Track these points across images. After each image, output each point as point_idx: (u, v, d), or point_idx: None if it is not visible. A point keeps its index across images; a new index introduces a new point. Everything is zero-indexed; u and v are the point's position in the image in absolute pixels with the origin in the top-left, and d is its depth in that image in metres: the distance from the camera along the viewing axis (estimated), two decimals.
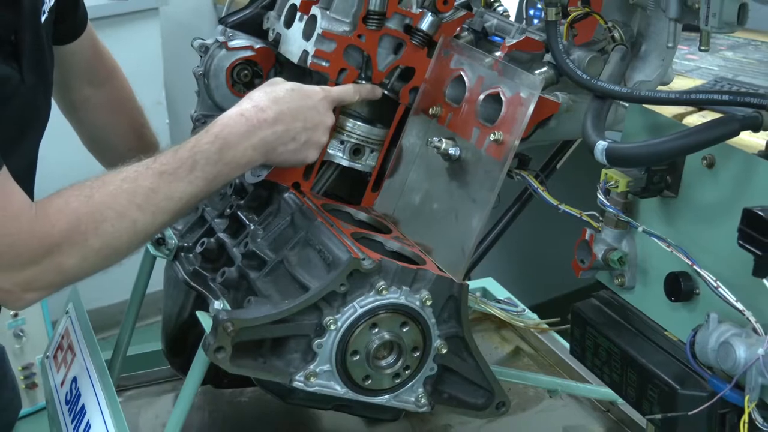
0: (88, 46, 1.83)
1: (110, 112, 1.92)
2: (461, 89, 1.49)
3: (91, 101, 1.90)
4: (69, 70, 1.77)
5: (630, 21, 1.40)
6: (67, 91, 1.83)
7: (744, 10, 1.14)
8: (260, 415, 1.83)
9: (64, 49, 1.74)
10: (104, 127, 1.92)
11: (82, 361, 1.71)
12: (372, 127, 1.59)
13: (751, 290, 1.05)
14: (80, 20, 1.78)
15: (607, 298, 1.33)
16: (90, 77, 1.87)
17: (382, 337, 1.36)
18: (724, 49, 2.90)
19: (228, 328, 1.29)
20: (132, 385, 1.92)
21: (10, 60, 1.43)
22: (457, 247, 1.41)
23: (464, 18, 1.58)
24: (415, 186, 1.53)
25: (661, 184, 1.22)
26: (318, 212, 1.48)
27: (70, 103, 1.88)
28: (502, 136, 1.38)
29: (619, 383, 1.25)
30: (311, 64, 1.52)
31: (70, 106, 1.88)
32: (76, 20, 1.76)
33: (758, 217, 1.01)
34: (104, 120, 1.92)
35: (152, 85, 3.82)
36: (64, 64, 1.73)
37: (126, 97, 1.96)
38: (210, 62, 1.70)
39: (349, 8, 1.53)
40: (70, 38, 1.76)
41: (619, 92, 1.28)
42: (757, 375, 1.03)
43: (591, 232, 1.30)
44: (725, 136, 1.13)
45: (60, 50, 1.73)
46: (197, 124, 1.72)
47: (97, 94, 1.90)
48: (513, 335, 2.11)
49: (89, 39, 1.82)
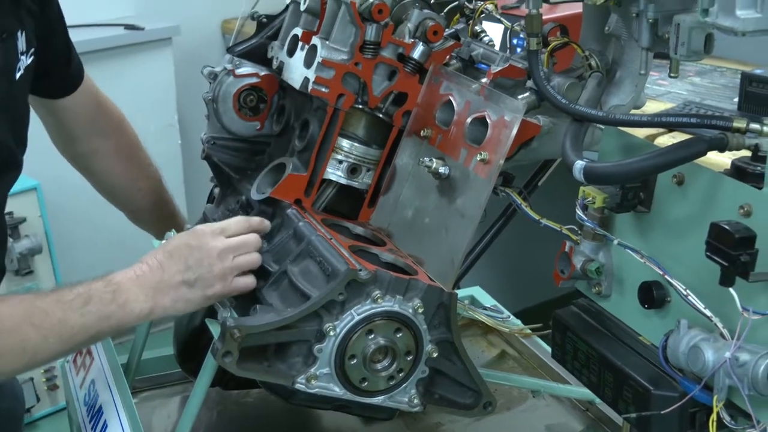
0: (89, 100, 1.81)
1: (119, 160, 1.91)
2: (450, 113, 1.49)
3: (101, 152, 1.88)
4: (72, 123, 1.76)
5: (605, 50, 1.40)
6: (73, 143, 1.81)
7: (710, 39, 1.14)
8: (265, 414, 1.82)
9: (60, 103, 1.73)
10: (115, 174, 1.92)
11: (100, 364, 1.71)
12: (368, 148, 1.59)
13: (718, 298, 1.05)
14: (73, 75, 1.76)
15: (586, 305, 1.32)
16: (97, 129, 1.86)
17: (378, 342, 1.35)
18: (692, 75, 2.91)
19: (235, 334, 1.29)
20: (146, 387, 1.92)
21: None
22: (447, 258, 1.41)
23: (453, 47, 1.58)
24: (408, 202, 1.53)
25: (634, 200, 1.22)
26: (318, 226, 1.48)
27: (79, 154, 1.86)
28: (488, 156, 1.38)
29: (596, 384, 1.25)
30: (312, 90, 1.52)
31: (78, 157, 1.86)
32: (67, 76, 1.74)
33: (724, 231, 1.02)
34: (114, 168, 1.91)
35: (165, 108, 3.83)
36: (64, 117, 1.71)
37: (133, 144, 1.94)
38: (219, 88, 1.70)
39: (346, 38, 1.53)
40: (64, 92, 1.74)
41: (596, 115, 1.28)
42: (725, 377, 1.03)
43: (570, 244, 1.30)
44: (693, 155, 1.13)
45: (55, 104, 1.72)
46: (207, 145, 1.72)
47: (106, 144, 1.88)
48: (499, 340, 2.10)
49: (89, 93, 1.80)
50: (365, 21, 1.51)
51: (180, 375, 1.90)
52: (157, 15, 3.88)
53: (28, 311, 1.32)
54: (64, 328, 1.32)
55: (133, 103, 2.04)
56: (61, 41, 1.68)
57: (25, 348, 1.31)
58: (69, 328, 1.33)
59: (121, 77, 3.55)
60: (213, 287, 1.42)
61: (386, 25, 1.52)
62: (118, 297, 1.37)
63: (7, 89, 1.44)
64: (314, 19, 1.60)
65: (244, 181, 1.70)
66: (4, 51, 1.45)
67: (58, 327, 1.32)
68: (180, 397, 1.88)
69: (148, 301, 1.39)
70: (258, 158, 1.74)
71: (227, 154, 1.73)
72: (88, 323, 1.34)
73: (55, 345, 1.33)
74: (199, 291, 1.42)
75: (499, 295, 2.22)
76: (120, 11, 3.85)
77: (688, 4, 1.19)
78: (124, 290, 1.38)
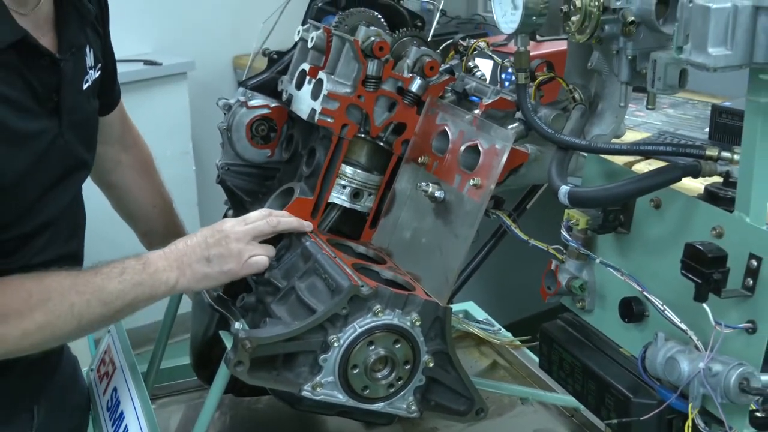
0: (120, 116, 1.83)
1: (138, 173, 1.92)
2: (445, 141, 1.49)
3: (122, 164, 1.89)
4: (104, 139, 1.77)
5: (588, 84, 1.40)
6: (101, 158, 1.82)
7: (684, 74, 1.14)
8: (274, 419, 1.82)
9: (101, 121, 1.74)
10: (133, 188, 1.92)
11: (122, 373, 1.70)
12: (370, 174, 1.59)
13: (692, 313, 1.05)
14: (116, 95, 1.79)
15: (571, 319, 1.32)
16: (122, 143, 1.87)
17: (378, 352, 1.35)
18: (666, 107, 2.92)
19: (246, 345, 1.29)
20: (164, 394, 1.91)
21: (53, 115, 1.44)
22: (442, 275, 1.41)
23: (448, 81, 1.59)
24: (406, 224, 1.53)
25: (615, 222, 1.22)
26: (324, 246, 1.48)
27: (105, 169, 1.86)
28: (480, 181, 1.38)
29: (581, 392, 1.24)
30: (318, 121, 1.53)
31: (104, 171, 1.86)
32: (112, 96, 1.76)
33: (698, 251, 1.02)
34: (133, 182, 1.92)
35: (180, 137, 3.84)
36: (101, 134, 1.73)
37: (149, 161, 1.96)
38: (232, 118, 1.70)
39: (350, 73, 1.54)
40: (106, 111, 1.77)
41: (579, 144, 1.29)
42: (699, 386, 1.03)
43: (556, 263, 1.30)
44: (669, 181, 1.13)
45: None
46: (222, 171, 1.72)
47: (127, 157, 1.89)
48: (490, 351, 2.10)
49: (121, 109, 1.83)
50: (367, 57, 1.52)
51: (195, 383, 1.89)
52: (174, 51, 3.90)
53: (72, 281, 1.39)
54: (104, 293, 1.39)
55: (150, 131, 2.04)
56: (111, 63, 1.73)
57: (73, 312, 1.37)
58: (108, 293, 1.40)
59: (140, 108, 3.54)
60: (228, 264, 1.46)
61: (387, 61, 1.53)
62: (148, 267, 1.43)
63: (75, 98, 1.49)
64: (320, 56, 1.61)
65: (255, 204, 1.70)
66: (74, 64, 1.49)
67: (99, 292, 1.39)
68: (195, 403, 1.88)
69: (174, 271, 1.44)
70: (269, 183, 1.75)
71: (240, 179, 1.74)
72: (125, 289, 1.41)
73: (98, 308, 1.40)
74: (216, 267, 1.46)
75: (491, 310, 2.22)
76: (140, 48, 3.87)
77: (663, 42, 1.20)
78: (153, 262, 1.44)
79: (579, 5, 1.21)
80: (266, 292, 1.47)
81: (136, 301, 1.43)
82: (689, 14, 0.96)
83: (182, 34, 4.02)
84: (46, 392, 1.65)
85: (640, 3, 1.19)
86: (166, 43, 3.94)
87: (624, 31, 1.21)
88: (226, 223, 1.51)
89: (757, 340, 1.01)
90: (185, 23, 4.04)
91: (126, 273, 1.42)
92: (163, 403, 1.89)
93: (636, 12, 1.19)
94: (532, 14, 1.30)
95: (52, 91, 1.44)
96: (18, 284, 1.38)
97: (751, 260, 1.01)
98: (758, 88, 0.98)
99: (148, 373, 1.83)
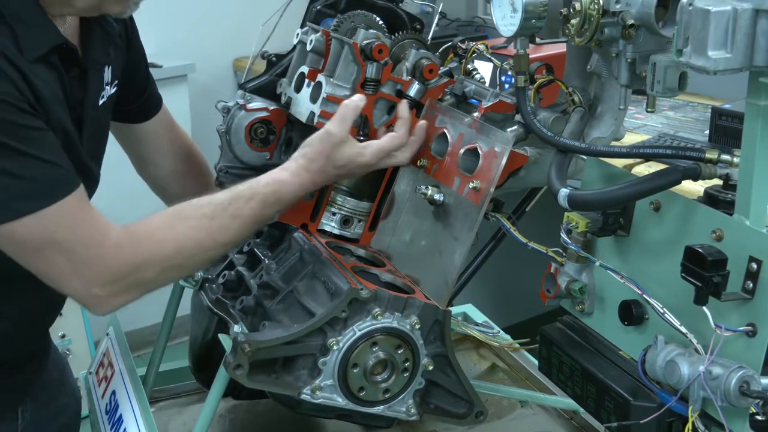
0: (164, 127, 1.83)
1: (192, 182, 1.89)
2: (445, 144, 1.49)
3: (175, 173, 1.88)
4: (149, 147, 1.79)
5: (588, 87, 1.40)
6: (149, 165, 1.82)
7: (684, 77, 1.14)
8: (273, 423, 1.81)
9: (140, 128, 1.77)
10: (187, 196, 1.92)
11: (120, 376, 1.70)
12: (359, 201, 1.59)
13: (692, 316, 1.05)
14: (150, 104, 1.79)
15: (570, 322, 1.32)
16: (172, 154, 1.86)
17: (378, 356, 1.35)
18: (666, 109, 2.92)
19: (245, 348, 1.29)
20: (163, 396, 1.91)
21: (76, 124, 1.45)
22: (441, 278, 1.41)
23: (447, 84, 1.59)
24: (406, 227, 1.53)
25: (615, 225, 1.22)
26: (323, 249, 1.48)
27: (155, 176, 1.86)
28: (479, 184, 1.38)
29: (580, 395, 1.24)
30: (317, 123, 1.52)
31: (155, 179, 1.86)
32: (145, 104, 1.77)
33: (698, 254, 1.02)
34: (187, 190, 1.90)
35: None
36: (142, 141, 1.75)
37: (204, 169, 1.93)
38: (231, 121, 1.70)
39: (349, 76, 1.53)
40: (143, 118, 1.77)
41: (579, 147, 1.29)
42: (699, 389, 1.03)
43: (555, 266, 1.30)
44: (669, 184, 1.13)
45: (135, 128, 1.76)
46: (221, 173, 1.72)
47: (180, 167, 1.87)
48: (490, 353, 2.10)
49: (165, 121, 1.82)
50: (366, 60, 1.52)
51: (195, 386, 1.89)
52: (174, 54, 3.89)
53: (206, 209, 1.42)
54: (236, 221, 1.41)
55: None
56: (141, 75, 1.74)
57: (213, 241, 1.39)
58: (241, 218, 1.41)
59: None
60: None
61: (386, 63, 1.53)
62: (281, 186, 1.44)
63: (91, 113, 1.50)
64: (319, 58, 1.60)
65: None
66: (95, 81, 1.50)
67: (229, 221, 1.41)
68: (194, 407, 1.87)
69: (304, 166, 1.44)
70: None
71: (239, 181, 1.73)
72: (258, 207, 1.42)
73: (234, 233, 1.41)
74: None
75: (490, 312, 2.22)
76: None
77: (663, 45, 1.20)
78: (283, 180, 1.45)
79: (579, 8, 1.21)
80: (265, 295, 1.47)
81: (263, 215, 1.44)
82: (689, 17, 0.96)
83: (183, 37, 4.01)
84: (32, 393, 1.64)
85: (639, 6, 1.19)
86: (167, 45, 3.93)
87: (624, 34, 1.21)
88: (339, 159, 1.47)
89: (757, 343, 1.01)
90: (186, 26, 4.04)
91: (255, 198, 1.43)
92: (162, 406, 1.89)
93: (636, 15, 1.19)
94: (531, 17, 1.30)
95: (77, 103, 1.46)
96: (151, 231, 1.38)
97: (751, 263, 1.01)
98: (758, 91, 0.98)
99: (147, 376, 1.82)
